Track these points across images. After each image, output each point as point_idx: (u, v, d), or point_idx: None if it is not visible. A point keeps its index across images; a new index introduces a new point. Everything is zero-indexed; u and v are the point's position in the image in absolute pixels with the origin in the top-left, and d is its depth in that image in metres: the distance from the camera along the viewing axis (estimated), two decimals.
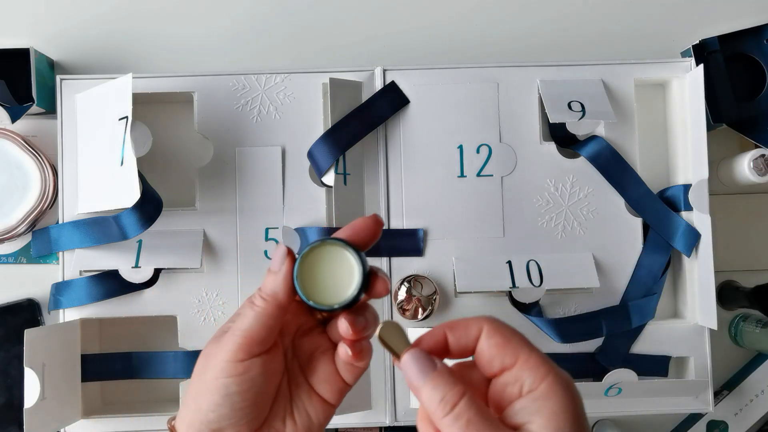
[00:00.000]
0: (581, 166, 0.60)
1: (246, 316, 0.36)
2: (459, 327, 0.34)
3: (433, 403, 0.32)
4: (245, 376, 0.36)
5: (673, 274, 0.63)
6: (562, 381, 0.32)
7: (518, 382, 0.33)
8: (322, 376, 0.39)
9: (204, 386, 0.36)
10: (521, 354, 0.33)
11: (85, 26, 0.65)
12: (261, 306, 0.36)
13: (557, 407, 0.31)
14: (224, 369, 0.36)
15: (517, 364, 0.33)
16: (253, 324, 0.36)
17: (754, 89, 0.64)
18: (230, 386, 0.36)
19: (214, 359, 0.36)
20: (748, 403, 0.65)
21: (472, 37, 0.67)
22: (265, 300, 0.37)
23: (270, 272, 0.37)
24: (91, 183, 0.58)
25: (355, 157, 0.59)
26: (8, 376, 0.62)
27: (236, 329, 0.36)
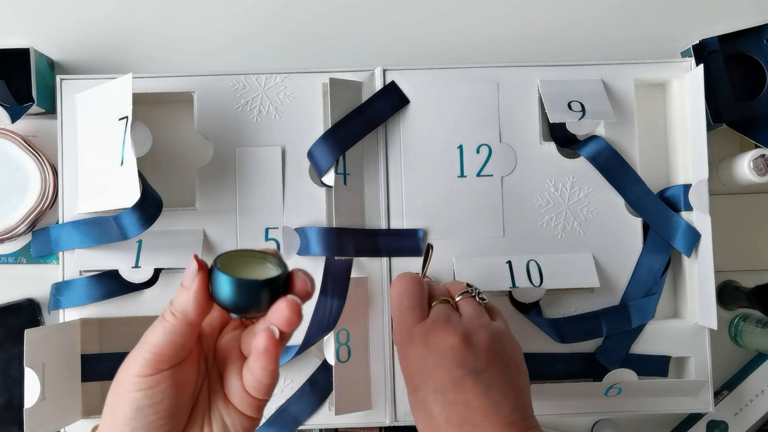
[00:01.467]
0: (581, 166, 0.60)
1: (155, 331, 0.36)
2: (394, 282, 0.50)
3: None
4: (155, 389, 0.35)
5: (673, 274, 0.63)
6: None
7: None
8: (232, 385, 0.38)
9: (118, 398, 0.36)
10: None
11: (85, 26, 0.65)
12: (171, 322, 0.36)
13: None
14: (133, 383, 0.35)
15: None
16: (162, 340, 0.36)
17: (754, 89, 0.64)
18: (141, 400, 0.35)
19: (125, 372, 0.36)
20: (748, 403, 0.65)
21: (472, 37, 0.67)
22: (175, 316, 0.36)
23: (182, 287, 0.36)
24: (91, 183, 0.58)
25: (355, 157, 0.59)
26: (8, 376, 0.62)
27: (145, 343, 0.36)
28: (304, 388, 0.58)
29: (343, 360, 0.56)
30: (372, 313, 0.59)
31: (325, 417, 0.59)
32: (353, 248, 0.58)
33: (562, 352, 0.59)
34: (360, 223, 0.59)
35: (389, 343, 0.59)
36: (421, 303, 0.47)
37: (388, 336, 0.59)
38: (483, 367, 0.42)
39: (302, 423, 0.58)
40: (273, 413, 0.58)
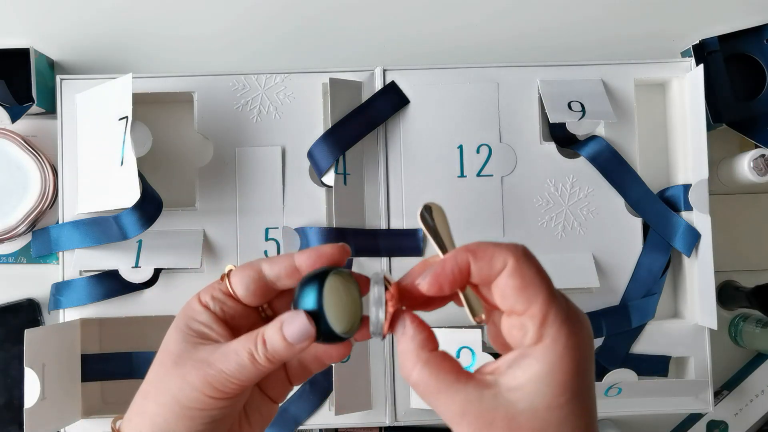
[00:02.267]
0: (581, 166, 0.60)
1: (244, 366, 0.34)
2: (485, 257, 0.32)
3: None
4: (229, 407, 0.35)
5: (673, 274, 0.63)
6: (560, 348, 0.31)
7: (522, 330, 0.32)
8: (272, 379, 0.39)
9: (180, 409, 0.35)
10: (533, 304, 0.31)
11: (85, 26, 0.65)
12: (264, 366, 0.34)
13: (543, 371, 0.30)
14: (202, 401, 0.34)
15: (526, 314, 0.31)
16: (250, 377, 0.35)
17: (754, 89, 0.64)
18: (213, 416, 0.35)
19: (195, 391, 0.34)
20: (748, 403, 0.65)
21: (472, 37, 0.67)
22: (270, 362, 0.34)
23: (286, 341, 0.34)
24: (91, 183, 0.58)
25: (355, 157, 0.59)
26: (8, 376, 0.62)
27: (231, 376, 0.34)
28: (304, 388, 0.59)
29: (343, 360, 0.56)
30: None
31: (325, 417, 0.59)
32: (353, 248, 0.57)
33: None
34: (360, 223, 0.59)
35: (389, 343, 0.59)
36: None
37: (388, 336, 0.59)
38: None
39: (302, 423, 0.58)
40: None
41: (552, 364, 0.31)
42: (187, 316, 0.37)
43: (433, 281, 0.33)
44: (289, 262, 0.36)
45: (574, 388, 0.31)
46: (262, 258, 0.37)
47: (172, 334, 0.37)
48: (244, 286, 0.36)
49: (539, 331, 0.31)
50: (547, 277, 0.32)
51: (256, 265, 0.37)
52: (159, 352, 0.37)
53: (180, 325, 0.37)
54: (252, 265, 0.37)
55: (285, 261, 0.36)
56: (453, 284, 0.33)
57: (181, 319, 0.37)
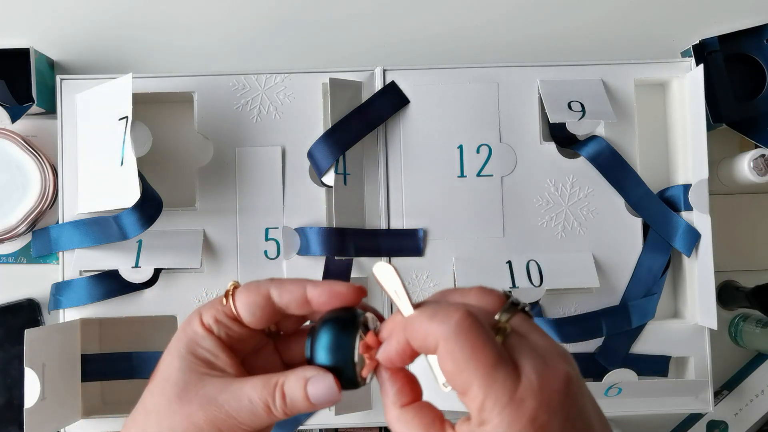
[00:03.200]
0: (581, 166, 0.60)
1: (258, 417, 0.32)
2: (418, 337, 0.30)
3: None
4: None
5: (673, 274, 0.63)
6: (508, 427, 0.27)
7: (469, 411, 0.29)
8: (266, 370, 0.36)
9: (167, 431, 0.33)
10: (470, 389, 0.28)
11: (85, 26, 0.65)
12: (280, 418, 0.33)
13: None
14: None
15: (467, 396, 0.28)
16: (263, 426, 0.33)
17: (754, 89, 0.64)
18: None
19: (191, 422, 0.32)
20: (748, 403, 0.65)
21: (472, 37, 0.67)
22: (287, 415, 0.33)
23: (308, 400, 0.32)
24: (91, 183, 0.58)
25: (355, 157, 0.59)
26: (8, 376, 0.62)
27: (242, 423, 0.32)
28: None
29: None
30: None
31: (325, 417, 0.59)
32: (353, 248, 0.58)
33: None
34: (360, 223, 0.59)
35: None
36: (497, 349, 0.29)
37: None
38: None
39: (302, 423, 0.58)
40: None
41: None
42: (189, 339, 0.34)
43: (386, 358, 0.32)
44: (300, 293, 0.33)
45: None
46: (269, 280, 0.34)
47: (173, 360, 0.34)
48: (250, 311, 0.34)
49: (479, 416, 0.28)
50: (486, 353, 0.28)
51: (264, 290, 0.34)
52: (158, 379, 0.34)
53: (181, 351, 0.34)
54: (259, 289, 0.34)
55: (296, 291, 0.33)
56: (402, 361, 0.31)
57: (182, 343, 0.34)
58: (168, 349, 0.35)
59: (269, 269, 0.59)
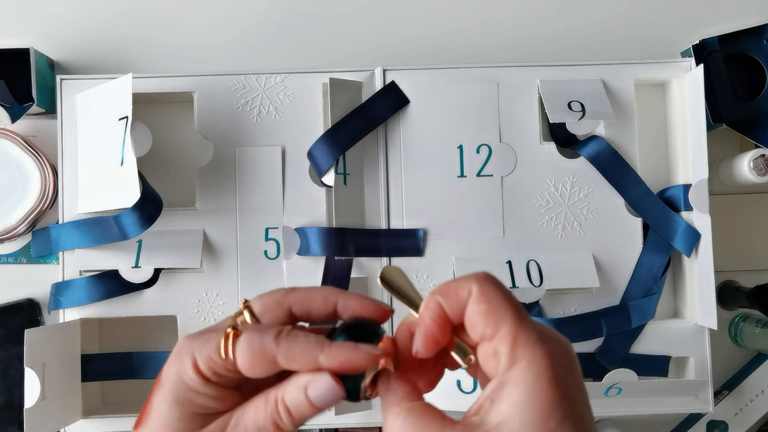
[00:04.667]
0: (581, 166, 0.60)
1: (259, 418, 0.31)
2: (450, 293, 0.31)
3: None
4: None
5: (673, 274, 0.63)
6: (536, 367, 0.28)
7: (496, 356, 0.29)
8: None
9: None
10: (502, 326, 0.29)
11: (85, 26, 0.65)
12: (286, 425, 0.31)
13: (524, 397, 0.27)
14: None
15: (497, 337, 0.29)
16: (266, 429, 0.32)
17: (754, 89, 0.64)
18: None
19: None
20: (748, 403, 0.65)
21: (472, 37, 0.67)
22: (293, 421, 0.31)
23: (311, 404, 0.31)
24: (91, 183, 0.58)
25: (355, 157, 0.59)
26: (8, 376, 0.62)
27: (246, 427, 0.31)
28: None
29: None
30: None
31: (325, 417, 0.59)
32: (353, 248, 0.58)
33: None
34: (360, 223, 0.59)
35: None
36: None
37: None
38: None
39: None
40: None
41: (532, 386, 0.28)
42: (184, 387, 0.32)
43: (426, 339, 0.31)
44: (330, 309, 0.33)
45: (562, 410, 0.28)
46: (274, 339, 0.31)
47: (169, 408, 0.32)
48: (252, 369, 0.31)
49: (512, 353, 0.28)
50: (515, 300, 0.30)
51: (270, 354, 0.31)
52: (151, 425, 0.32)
53: (178, 398, 0.32)
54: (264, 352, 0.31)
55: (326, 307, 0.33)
56: (442, 332, 0.31)
57: (177, 389, 0.32)
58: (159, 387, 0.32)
59: (269, 269, 0.59)
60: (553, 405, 0.27)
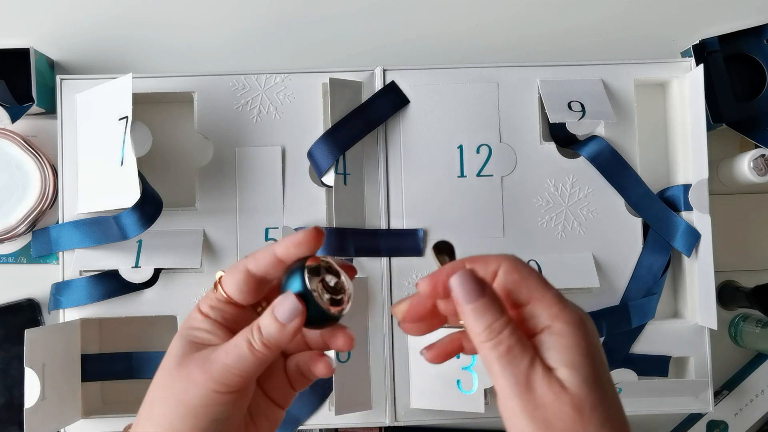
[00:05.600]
0: (581, 166, 0.60)
1: (243, 356, 0.36)
2: (479, 261, 0.36)
3: (478, 326, 0.34)
4: (233, 404, 0.36)
5: (673, 274, 0.63)
6: (575, 318, 0.34)
7: (534, 318, 0.34)
8: (274, 383, 0.40)
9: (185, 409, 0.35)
10: (535, 292, 0.35)
11: (85, 26, 0.65)
12: (262, 352, 0.36)
13: (570, 342, 0.33)
14: (211, 398, 0.35)
15: (532, 302, 0.34)
16: (251, 366, 0.36)
17: (754, 89, 0.64)
18: (219, 413, 0.36)
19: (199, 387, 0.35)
20: (748, 403, 0.65)
21: (472, 37, 0.67)
22: (267, 348, 0.36)
23: (278, 322, 0.35)
24: (91, 183, 0.58)
25: (355, 157, 0.59)
26: (8, 376, 0.62)
27: (232, 367, 0.35)
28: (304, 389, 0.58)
29: (343, 360, 0.56)
30: (372, 313, 0.59)
31: (325, 417, 0.59)
32: (353, 248, 0.58)
33: None
34: (360, 223, 0.59)
35: (389, 343, 0.59)
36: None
37: (388, 336, 0.59)
38: None
39: (302, 423, 0.58)
40: None
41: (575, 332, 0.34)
42: (189, 326, 0.38)
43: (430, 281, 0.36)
44: (270, 255, 0.37)
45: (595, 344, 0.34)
46: (244, 257, 0.38)
47: (175, 342, 0.38)
48: (237, 288, 0.37)
49: (551, 311, 0.34)
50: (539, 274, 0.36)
51: (242, 266, 0.38)
52: (162, 361, 0.37)
53: (183, 335, 0.38)
54: (237, 266, 0.38)
55: (267, 256, 0.37)
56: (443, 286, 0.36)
57: (183, 330, 0.38)
58: (173, 340, 0.38)
59: None
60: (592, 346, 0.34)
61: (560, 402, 0.33)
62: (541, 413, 0.33)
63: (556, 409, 0.33)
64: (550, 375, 0.33)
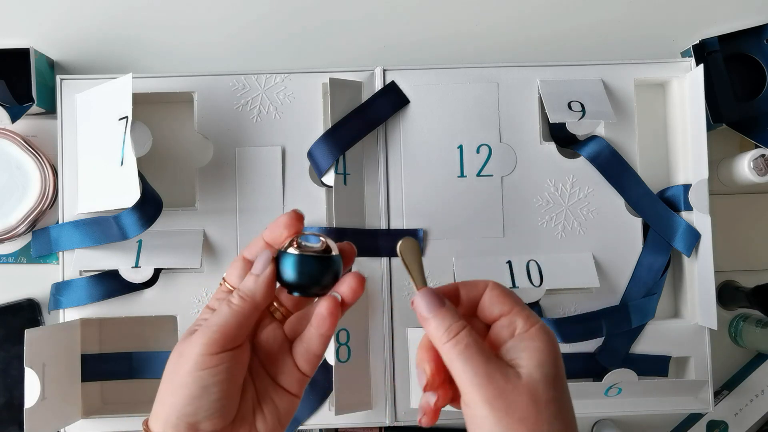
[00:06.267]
0: (581, 166, 0.60)
1: (222, 312, 0.39)
2: (468, 284, 0.41)
3: (439, 331, 0.38)
4: (219, 367, 0.38)
5: (673, 274, 0.63)
6: (547, 329, 0.39)
7: (511, 325, 0.39)
8: (283, 368, 0.42)
9: (179, 380, 0.38)
10: (515, 306, 0.39)
11: (85, 26, 0.65)
12: (238, 305, 0.39)
13: (542, 347, 0.38)
14: (199, 362, 0.38)
15: (512, 312, 0.39)
16: (230, 320, 0.39)
17: (754, 89, 0.64)
18: (205, 378, 0.38)
19: (188, 355, 0.38)
20: (748, 403, 0.65)
21: (472, 37, 0.67)
22: (243, 299, 0.39)
23: (251, 275, 0.40)
24: (91, 183, 0.58)
25: (355, 157, 0.59)
26: (8, 376, 0.62)
27: (212, 324, 0.39)
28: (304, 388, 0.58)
29: (343, 360, 0.56)
30: (372, 313, 0.59)
31: (325, 417, 0.59)
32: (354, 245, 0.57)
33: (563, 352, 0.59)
34: (360, 223, 0.59)
35: (389, 343, 0.59)
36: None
37: (388, 336, 0.59)
38: None
39: (302, 423, 0.59)
40: None
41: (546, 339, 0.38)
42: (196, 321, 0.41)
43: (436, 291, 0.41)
44: (260, 241, 0.42)
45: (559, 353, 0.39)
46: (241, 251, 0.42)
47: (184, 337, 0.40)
48: (238, 276, 0.41)
49: (529, 320, 0.39)
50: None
51: (239, 257, 0.42)
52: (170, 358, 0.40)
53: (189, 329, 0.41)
54: (236, 258, 0.42)
55: (257, 242, 0.42)
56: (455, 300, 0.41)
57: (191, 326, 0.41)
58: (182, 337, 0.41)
59: None
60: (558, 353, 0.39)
61: (518, 392, 0.36)
62: (501, 402, 0.36)
63: (515, 398, 0.36)
64: (507, 368, 0.37)
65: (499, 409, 0.36)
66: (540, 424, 0.36)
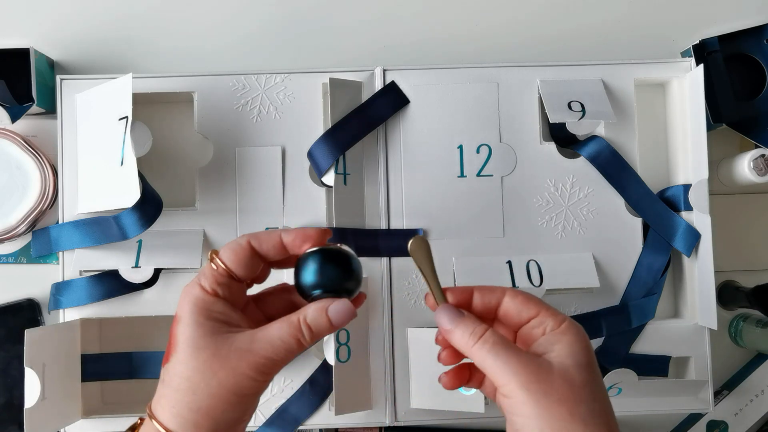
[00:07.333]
0: (581, 166, 0.60)
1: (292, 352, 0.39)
2: (485, 289, 0.42)
3: (465, 337, 0.39)
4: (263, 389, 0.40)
5: (673, 274, 0.63)
6: (575, 324, 0.40)
7: (542, 325, 0.40)
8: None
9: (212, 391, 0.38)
10: (542, 307, 0.41)
11: (85, 26, 0.65)
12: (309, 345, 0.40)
13: (573, 339, 0.39)
14: (258, 387, 0.39)
15: (541, 313, 0.41)
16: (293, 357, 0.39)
17: (754, 89, 0.64)
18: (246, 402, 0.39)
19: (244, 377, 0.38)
20: (748, 403, 0.65)
21: (472, 37, 0.67)
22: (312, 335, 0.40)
23: (329, 322, 0.40)
24: (91, 183, 0.58)
25: (355, 157, 0.59)
26: (8, 376, 0.62)
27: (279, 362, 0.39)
28: (304, 388, 0.58)
29: (343, 360, 0.56)
30: (372, 313, 0.59)
31: (325, 417, 0.59)
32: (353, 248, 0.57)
33: None
34: (360, 223, 0.59)
35: (389, 343, 0.59)
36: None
37: (388, 336, 0.59)
38: None
39: (302, 423, 0.58)
40: (273, 413, 0.58)
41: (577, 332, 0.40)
42: (199, 307, 0.39)
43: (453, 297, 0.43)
44: (277, 240, 0.41)
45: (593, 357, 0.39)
46: (244, 235, 0.41)
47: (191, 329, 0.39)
48: (240, 264, 0.40)
49: (558, 318, 0.40)
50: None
51: (244, 242, 0.41)
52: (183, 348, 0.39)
53: (196, 319, 0.39)
54: (239, 242, 0.41)
55: (273, 239, 0.41)
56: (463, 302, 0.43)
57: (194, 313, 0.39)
58: (179, 321, 0.40)
59: None
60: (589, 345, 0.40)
61: (553, 376, 0.37)
62: (538, 385, 0.37)
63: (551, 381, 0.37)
64: (539, 357, 0.38)
65: (536, 392, 0.37)
66: (578, 404, 0.37)
